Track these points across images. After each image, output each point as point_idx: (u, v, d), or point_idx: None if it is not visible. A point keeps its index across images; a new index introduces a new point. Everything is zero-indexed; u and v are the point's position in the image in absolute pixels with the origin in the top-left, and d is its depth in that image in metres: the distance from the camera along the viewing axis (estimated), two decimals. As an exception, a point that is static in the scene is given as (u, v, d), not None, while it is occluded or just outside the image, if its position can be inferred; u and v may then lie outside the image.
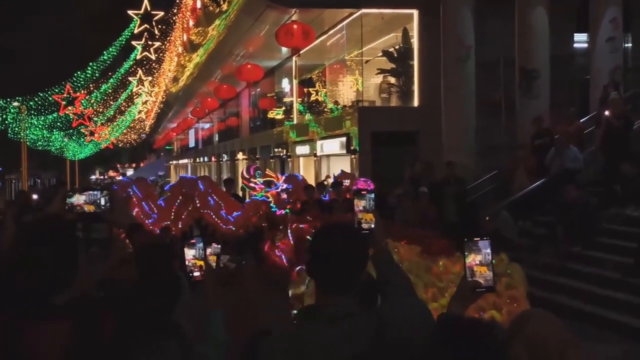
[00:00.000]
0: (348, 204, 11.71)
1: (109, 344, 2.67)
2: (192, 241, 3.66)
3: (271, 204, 12.31)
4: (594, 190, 13.94)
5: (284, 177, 13.22)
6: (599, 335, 9.59)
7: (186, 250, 3.60)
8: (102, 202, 3.62)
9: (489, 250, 2.87)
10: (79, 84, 41.36)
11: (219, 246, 3.90)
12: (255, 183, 12.78)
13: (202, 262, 3.58)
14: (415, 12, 20.89)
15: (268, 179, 12.81)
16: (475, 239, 2.88)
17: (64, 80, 40.79)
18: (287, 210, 12.15)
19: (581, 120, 15.39)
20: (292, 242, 10.49)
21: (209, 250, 4.09)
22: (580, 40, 20.59)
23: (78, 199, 3.61)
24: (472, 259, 2.87)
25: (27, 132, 41.85)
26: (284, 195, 12.50)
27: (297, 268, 8.97)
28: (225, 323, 3.34)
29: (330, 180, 17.76)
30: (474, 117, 18.20)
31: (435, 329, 2.27)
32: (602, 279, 11.29)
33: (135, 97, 54.87)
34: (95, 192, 3.65)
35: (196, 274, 3.55)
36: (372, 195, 3.34)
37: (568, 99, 18.35)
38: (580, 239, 12.34)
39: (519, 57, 17.14)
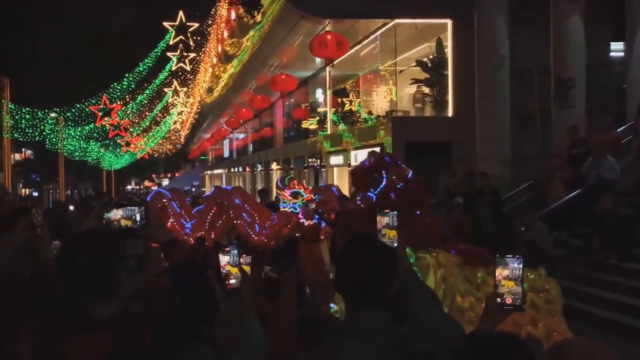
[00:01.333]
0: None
1: (146, 355, 2.70)
2: (227, 248, 3.68)
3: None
4: (630, 201, 13.76)
5: (310, 189, 13.28)
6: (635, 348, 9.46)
7: (221, 256, 3.62)
8: (138, 217, 3.66)
9: (517, 266, 2.85)
10: (115, 95, 41.76)
11: (250, 257, 3.93)
12: (285, 196, 12.85)
13: (236, 269, 3.60)
14: (449, 22, 20.87)
15: (295, 190, 12.86)
16: (507, 255, 2.87)
17: (92, 89, 41.22)
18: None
19: (618, 130, 15.20)
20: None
21: (241, 261, 4.12)
22: (617, 48, 20.35)
23: (115, 214, 3.65)
24: (500, 273, 2.87)
25: (65, 142, 42.32)
26: (312, 206, 12.55)
27: None
28: (260, 328, 3.36)
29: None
30: (508, 127, 18.09)
31: (466, 346, 2.26)
32: (639, 291, 11.14)
33: (170, 107, 55.27)
34: (133, 208, 3.69)
35: (232, 281, 3.57)
36: (395, 213, 3.35)
37: (604, 108, 18.13)
38: (616, 250, 12.20)
39: (554, 66, 16.98)
